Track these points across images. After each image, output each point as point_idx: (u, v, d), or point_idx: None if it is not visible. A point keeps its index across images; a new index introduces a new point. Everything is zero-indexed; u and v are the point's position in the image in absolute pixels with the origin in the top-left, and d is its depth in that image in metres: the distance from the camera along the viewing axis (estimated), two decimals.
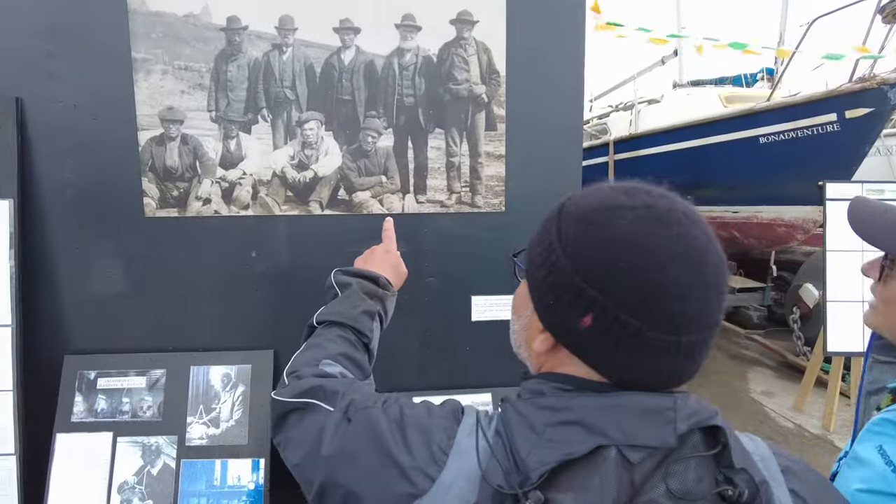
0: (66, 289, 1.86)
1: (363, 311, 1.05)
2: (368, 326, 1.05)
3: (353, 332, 1.01)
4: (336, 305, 1.07)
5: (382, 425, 0.70)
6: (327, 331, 1.01)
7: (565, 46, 1.90)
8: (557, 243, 0.68)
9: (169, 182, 1.81)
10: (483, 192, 1.92)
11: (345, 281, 1.13)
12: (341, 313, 1.04)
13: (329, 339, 0.98)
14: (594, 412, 0.61)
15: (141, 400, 1.85)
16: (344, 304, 1.07)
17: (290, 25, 1.77)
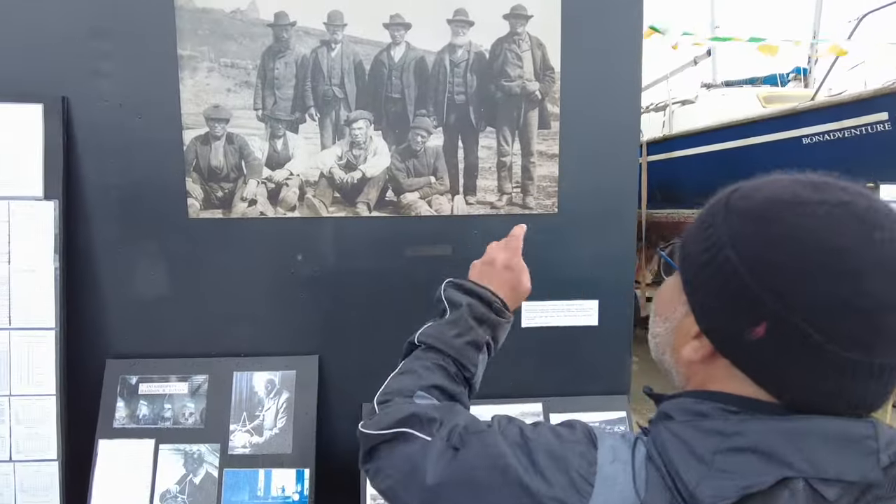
0: (109, 291, 1.82)
1: (469, 342, 0.92)
2: (473, 360, 0.92)
3: (455, 364, 0.90)
4: (440, 328, 0.95)
5: (504, 450, 0.63)
6: (426, 355, 0.92)
7: (622, 42, 1.82)
8: (726, 239, 0.60)
9: (214, 182, 1.76)
10: (535, 193, 1.84)
11: (456, 300, 1.00)
12: (444, 340, 0.92)
13: (426, 367, 0.89)
14: (773, 438, 0.53)
15: (183, 406, 1.80)
16: (449, 330, 0.94)
17: (340, 21, 1.72)
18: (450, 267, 1.87)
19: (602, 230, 1.88)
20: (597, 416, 1.95)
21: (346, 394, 1.88)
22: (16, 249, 1.72)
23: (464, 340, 0.91)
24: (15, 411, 1.73)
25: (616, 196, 1.87)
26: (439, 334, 0.94)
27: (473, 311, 0.95)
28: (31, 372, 1.72)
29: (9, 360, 1.72)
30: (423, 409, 0.76)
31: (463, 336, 0.92)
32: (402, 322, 1.90)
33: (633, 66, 1.84)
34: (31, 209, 1.72)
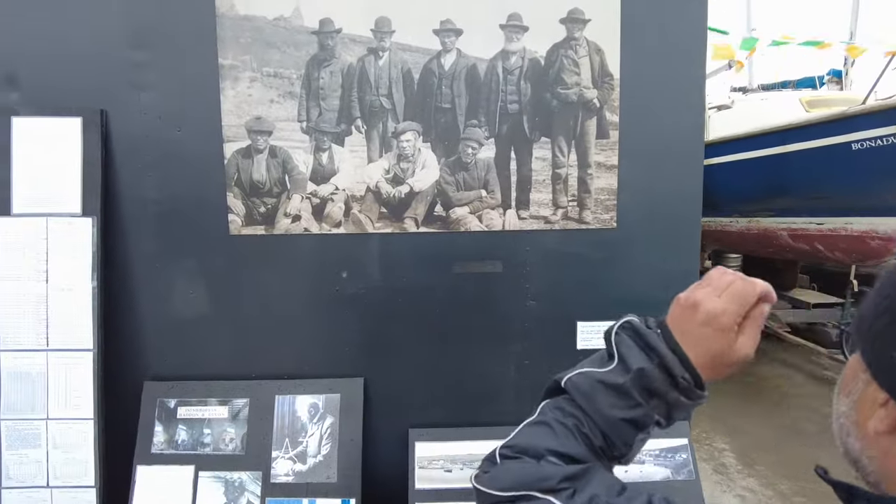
0: (147, 310, 1.76)
1: (626, 420, 0.68)
2: (627, 438, 0.69)
3: (602, 437, 0.69)
4: (594, 385, 0.70)
5: None
6: (569, 408, 0.71)
7: (685, 46, 1.71)
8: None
9: (256, 197, 1.69)
10: (592, 207, 1.73)
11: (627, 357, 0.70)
12: (594, 404, 0.69)
13: (565, 428, 0.69)
14: None
15: (223, 431, 1.72)
16: (605, 394, 0.69)
17: (387, 28, 1.63)
18: (500, 285, 1.78)
19: (664, 246, 1.77)
20: (657, 444, 1.83)
21: (393, 418, 1.79)
22: (53, 268, 1.66)
23: (620, 416, 0.68)
24: (52, 436, 1.66)
25: (679, 209, 1.76)
26: (591, 392, 0.70)
27: (646, 380, 0.67)
28: (68, 395, 1.66)
29: (46, 383, 1.66)
30: (554, 472, 0.64)
31: (620, 411, 0.68)
32: (450, 343, 1.81)
33: (697, 71, 1.73)
34: (69, 226, 1.66)
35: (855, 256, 4.36)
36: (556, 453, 0.67)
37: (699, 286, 0.73)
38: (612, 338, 0.73)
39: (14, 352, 1.65)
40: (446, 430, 1.78)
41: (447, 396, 1.81)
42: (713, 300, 0.69)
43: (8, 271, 1.64)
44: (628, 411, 0.68)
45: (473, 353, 1.80)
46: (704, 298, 0.69)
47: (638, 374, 0.67)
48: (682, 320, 0.70)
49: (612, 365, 0.70)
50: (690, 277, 1.80)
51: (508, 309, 1.78)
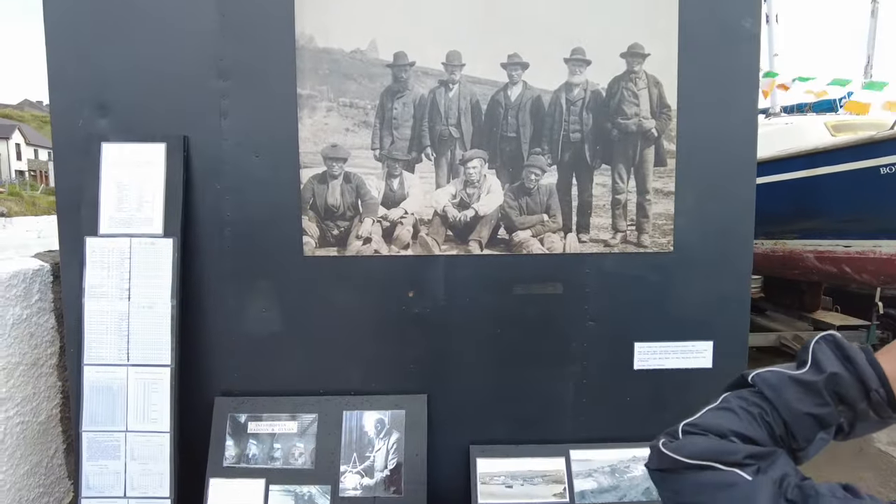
0: (220, 328, 1.83)
1: (810, 414, 0.72)
2: (808, 434, 0.72)
3: (784, 427, 0.73)
4: (784, 379, 0.75)
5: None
6: (755, 399, 0.75)
7: (739, 79, 1.79)
8: None
9: (330, 221, 1.77)
10: (650, 231, 1.80)
11: (823, 361, 0.73)
12: (782, 396, 0.73)
13: (749, 414, 0.74)
14: None
15: (293, 446, 1.78)
16: (794, 388, 0.74)
17: (458, 61, 1.73)
18: (561, 306, 1.84)
19: (717, 269, 1.83)
20: None
21: (454, 434, 1.84)
22: (136, 286, 1.74)
23: (805, 410, 0.72)
24: (131, 447, 1.73)
25: (732, 234, 1.82)
26: (780, 385, 0.74)
27: (838, 384, 0.71)
28: (147, 409, 1.73)
29: (126, 397, 1.73)
30: (739, 448, 0.69)
31: (806, 405, 0.72)
32: (511, 361, 1.87)
33: (750, 103, 1.81)
34: (152, 246, 1.74)
35: (883, 279, 4.38)
36: (739, 434, 0.71)
37: None
38: (810, 346, 0.76)
39: (97, 366, 1.73)
40: (507, 446, 1.83)
41: (507, 414, 1.86)
42: None
43: (94, 289, 1.73)
44: (815, 408, 0.71)
45: (533, 372, 1.85)
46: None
47: (831, 377, 0.71)
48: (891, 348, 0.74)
49: (806, 368, 0.74)
50: (742, 298, 1.86)
51: (568, 329, 1.84)
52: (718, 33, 1.78)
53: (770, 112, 6.67)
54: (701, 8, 1.77)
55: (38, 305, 1.81)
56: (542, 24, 1.73)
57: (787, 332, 5.30)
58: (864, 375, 0.70)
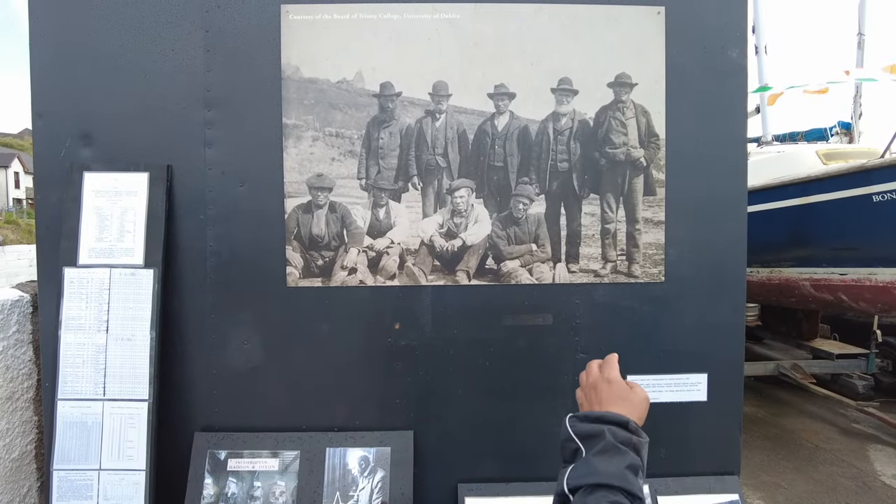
0: (201, 361, 1.78)
1: (628, 467, 0.83)
2: (637, 486, 0.82)
3: (626, 496, 0.80)
4: (591, 464, 0.85)
5: None
6: (592, 498, 0.81)
7: (727, 109, 1.79)
8: None
9: (314, 251, 1.74)
10: (641, 261, 1.77)
11: (591, 431, 0.89)
12: (603, 474, 0.82)
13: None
14: None
15: (273, 485, 1.71)
16: (602, 462, 0.85)
17: (445, 91, 1.72)
18: (551, 337, 1.80)
19: (711, 300, 1.80)
20: (707, 499, 1.81)
21: (442, 472, 1.78)
22: (114, 317, 1.70)
23: (622, 467, 0.83)
24: (104, 487, 1.66)
25: (725, 264, 1.80)
26: (593, 471, 0.84)
27: (616, 435, 0.87)
28: (122, 445, 1.66)
29: (100, 433, 1.67)
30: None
31: (620, 463, 0.84)
32: (501, 396, 1.81)
33: (739, 131, 1.81)
34: (132, 277, 1.71)
35: (880, 307, 4.36)
36: None
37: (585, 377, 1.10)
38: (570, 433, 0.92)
39: (72, 401, 1.67)
40: (496, 484, 1.76)
41: (497, 450, 1.80)
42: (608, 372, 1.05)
43: (71, 321, 1.68)
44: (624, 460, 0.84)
45: (524, 407, 1.80)
46: (595, 380, 1.05)
47: (610, 433, 0.87)
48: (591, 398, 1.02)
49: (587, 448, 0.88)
50: (736, 329, 1.82)
51: (559, 362, 1.80)
52: (706, 63, 1.79)
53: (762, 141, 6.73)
54: (688, 38, 1.78)
55: (15, 337, 1.76)
56: (528, 54, 1.73)
57: (786, 360, 5.25)
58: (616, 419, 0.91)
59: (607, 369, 1.05)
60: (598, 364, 1.09)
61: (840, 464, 4.05)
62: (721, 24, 1.79)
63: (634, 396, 1.00)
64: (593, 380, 1.05)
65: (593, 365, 1.09)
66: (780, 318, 6.02)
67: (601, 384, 1.02)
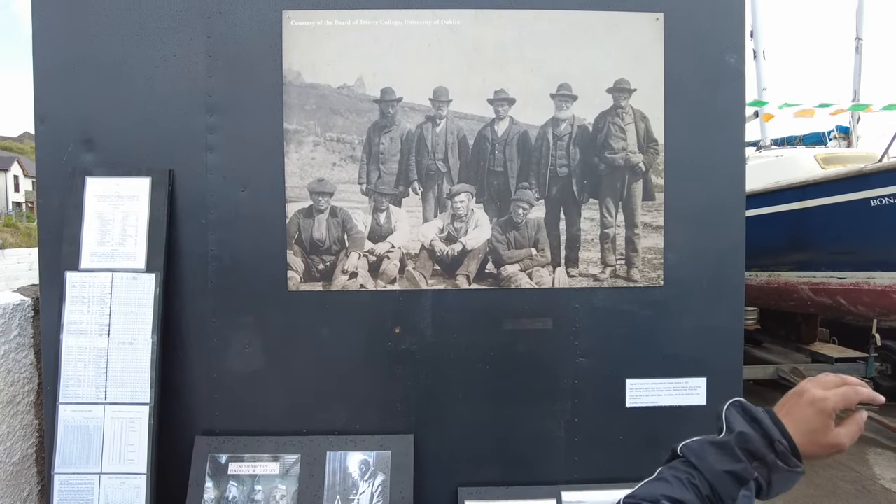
0: (202, 365, 1.78)
1: (729, 472, 0.82)
2: (730, 492, 0.82)
3: (709, 488, 0.82)
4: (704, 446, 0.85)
5: None
6: (683, 467, 0.84)
7: (725, 113, 1.80)
8: None
9: (315, 255, 1.75)
10: (640, 266, 1.78)
11: (733, 423, 0.86)
12: (703, 459, 0.83)
13: (679, 480, 0.82)
14: None
15: (274, 488, 1.72)
16: (712, 451, 0.84)
17: (445, 97, 1.73)
18: (550, 341, 1.80)
19: (710, 304, 1.80)
20: None
21: (442, 476, 1.78)
22: (116, 321, 1.70)
23: (723, 469, 0.81)
24: (104, 491, 1.66)
25: (723, 268, 1.81)
26: (700, 451, 0.84)
27: (746, 441, 0.83)
28: (123, 449, 1.67)
29: (101, 437, 1.67)
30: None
31: (724, 464, 0.82)
32: (501, 400, 1.82)
33: (737, 136, 1.82)
34: (134, 281, 1.71)
35: (879, 311, 4.36)
36: (670, 498, 0.78)
37: (801, 385, 0.88)
38: (722, 413, 0.86)
39: (73, 405, 1.68)
40: (496, 488, 1.77)
41: (497, 454, 1.80)
42: (819, 390, 0.84)
43: (73, 325, 1.69)
44: (730, 465, 0.80)
45: (523, 411, 1.80)
46: (811, 387, 0.85)
47: (740, 436, 0.82)
48: (788, 404, 0.86)
49: (722, 433, 0.84)
50: (735, 333, 1.83)
51: (558, 366, 1.80)
52: (704, 69, 1.80)
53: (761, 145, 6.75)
54: (686, 44, 1.79)
55: (17, 341, 1.77)
56: (528, 60, 1.75)
57: (785, 364, 5.24)
58: (767, 430, 0.81)
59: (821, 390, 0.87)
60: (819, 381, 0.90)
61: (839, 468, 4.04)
62: (719, 30, 1.80)
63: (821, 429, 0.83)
64: (799, 389, 0.89)
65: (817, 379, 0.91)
66: (780, 322, 6.02)
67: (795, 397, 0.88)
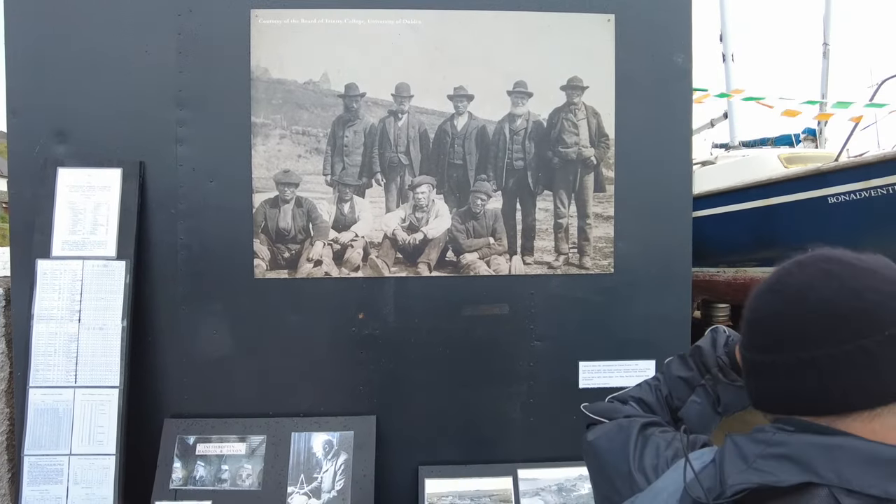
0: (172, 350, 1.84)
1: (682, 378, 0.99)
2: (681, 395, 0.98)
3: (668, 390, 0.99)
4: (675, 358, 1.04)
5: (633, 435, 0.81)
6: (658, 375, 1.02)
7: (673, 110, 1.91)
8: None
9: (281, 244, 1.82)
10: (591, 254, 1.88)
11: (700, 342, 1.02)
12: (668, 369, 1.02)
13: (648, 384, 1.00)
14: (810, 450, 0.61)
15: (240, 468, 1.78)
16: (676, 363, 1.02)
17: (407, 93, 1.82)
18: (507, 326, 1.89)
19: (658, 290, 1.90)
20: None
21: (403, 455, 1.86)
22: (87, 308, 1.76)
23: (678, 374, 0.99)
24: (73, 472, 1.71)
25: (671, 256, 1.91)
26: (670, 363, 1.03)
27: (700, 355, 0.98)
28: (92, 431, 1.72)
29: (71, 419, 1.73)
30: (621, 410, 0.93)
31: (680, 371, 1.00)
32: (460, 382, 1.91)
33: (685, 131, 1.93)
34: (104, 269, 1.77)
35: None
36: (635, 398, 0.97)
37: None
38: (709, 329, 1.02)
39: (43, 388, 1.73)
40: (455, 467, 1.85)
41: (456, 434, 1.89)
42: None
43: (44, 311, 1.74)
44: (685, 372, 0.98)
45: (482, 393, 1.89)
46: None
47: (696, 349, 0.99)
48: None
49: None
50: (682, 318, 1.93)
51: (515, 349, 1.89)
52: (653, 68, 1.91)
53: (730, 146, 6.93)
54: (636, 44, 1.90)
55: None
56: (486, 58, 1.84)
57: None
58: (716, 346, 0.96)
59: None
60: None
61: None
62: (667, 31, 1.91)
63: None
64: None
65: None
66: None
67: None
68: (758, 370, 0.67)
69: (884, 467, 0.58)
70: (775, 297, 0.65)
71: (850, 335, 0.59)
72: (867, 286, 0.61)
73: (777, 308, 0.64)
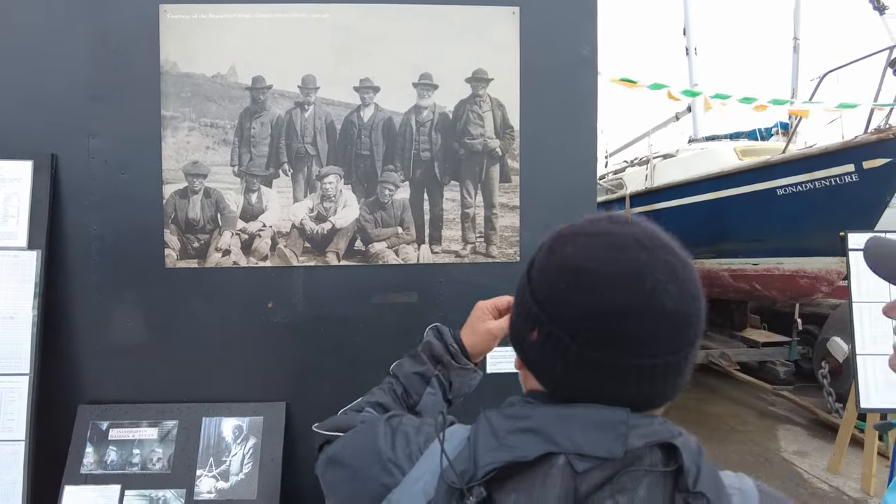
0: (85, 338, 1.88)
1: (416, 373, 1.04)
2: (418, 389, 1.03)
3: (403, 389, 1.03)
4: (405, 358, 1.10)
5: (380, 430, 0.78)
6: (389, 379, 1.07)
7: (578, 102, 1.95)
8: (528, 268, 0.75)
9: (190, 234, 1.85)
10: (498, 243, 1.93)
11: (426, 338, 1.10)
12: (401, 368, 1.07)
13: (382, 389, 1.04)
14: (549, 421, 0.63)
15: (151, 452, 1.83)
16: (408, 361, 1.08)
17: (313, 85, 1.85)
18: (416, 313, 1.94)
19: None
20: None
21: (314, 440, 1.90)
22: None
23: (412, 370, 1.04)
24: None
25: None
26: (401, 363, 1.08)
27: (429, 348, 1.06)
28: (2, 418, 1.76)
29: None
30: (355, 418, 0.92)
31: (413, 367, 1.05)
32: (370, 368, 1.94)
33: (590, 123, 1.97)
34: (15, 259, 1.80)
35: (789, 294, 4.59)
36: (370, 403, 0.99)
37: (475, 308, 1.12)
38: (426, 332, 1.11)
39: None
40: None
41: None
42: (481, 302, 1.11)
43: None
44: (418, 367, 1.04)
45: None
46: (480, 303, 1.11)
47: (426, 344, 1.07)
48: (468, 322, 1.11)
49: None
50: None
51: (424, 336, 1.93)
52: (558, 60, 1.95)
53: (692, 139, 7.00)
54: (541, 36, 1.93)
55: None
56: (391, 51, 1.88)
57: (716, 349, 5.48)
58: (444, 338, 1.07)
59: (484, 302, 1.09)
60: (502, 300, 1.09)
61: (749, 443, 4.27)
62: (572, 23, 1.95)
63: (480, 325, 1.06)
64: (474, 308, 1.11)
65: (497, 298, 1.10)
66: (718, 311, 6.27)
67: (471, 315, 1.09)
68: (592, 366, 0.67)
69: (610, 430, 0.62)
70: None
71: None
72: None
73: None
